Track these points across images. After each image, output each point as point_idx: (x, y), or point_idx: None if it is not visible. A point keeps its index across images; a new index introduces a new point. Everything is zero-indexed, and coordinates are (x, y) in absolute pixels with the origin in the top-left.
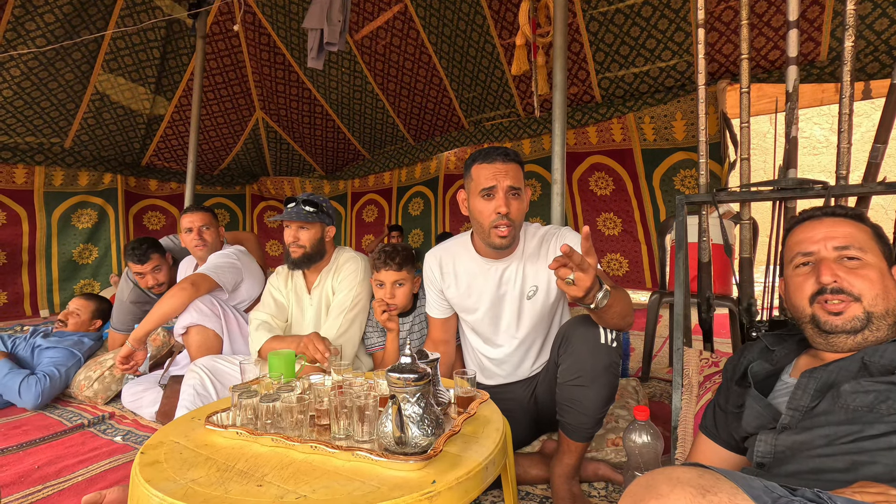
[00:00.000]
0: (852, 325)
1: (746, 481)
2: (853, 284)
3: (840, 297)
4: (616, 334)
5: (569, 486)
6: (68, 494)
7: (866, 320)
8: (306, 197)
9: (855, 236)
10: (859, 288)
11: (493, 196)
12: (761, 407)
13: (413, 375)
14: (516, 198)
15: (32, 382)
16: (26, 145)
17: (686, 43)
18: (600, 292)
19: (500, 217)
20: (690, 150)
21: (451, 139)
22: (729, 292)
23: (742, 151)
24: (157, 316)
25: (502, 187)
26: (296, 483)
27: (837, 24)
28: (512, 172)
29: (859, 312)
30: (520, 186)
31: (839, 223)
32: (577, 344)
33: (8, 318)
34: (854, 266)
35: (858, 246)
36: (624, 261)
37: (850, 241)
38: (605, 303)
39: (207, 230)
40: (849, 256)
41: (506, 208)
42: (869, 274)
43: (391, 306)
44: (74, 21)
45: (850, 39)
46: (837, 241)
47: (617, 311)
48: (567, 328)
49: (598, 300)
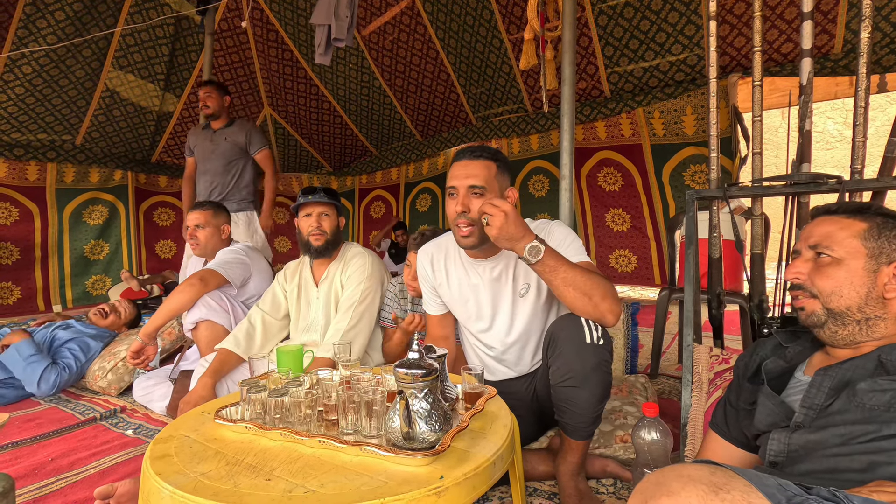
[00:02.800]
0: (811, 320)
1: (760, 479)
2: (813, 282)
3: (799, 292)
4: (602, 331)
5: (575, 482)
6: (81, 486)
7: (826, 315)
8: (323, 187)
9: (831, 234)
10: (819, 286)
11: (455, 195)
12: (774, 405)
13: (421, 371)
14: (477, 196)
15: (53, 374)
16: (38, 142)
17: (697, 36)
18: (530, 243)
19: (458, 216)
20: (700, 145)
21: (458, 135)
22: (740, 289)
23: (754, 146)
24: (166, 311)
25: (462, 186)
26: (304, 477)
27: (852, 15)
28: (476, 170)
29: (817, 308)
30: (483, 185)
31: (823, 222)
32: (564, 345)
33: (22, 312)
34: (823, 263)
35: (827, 244)
36: (633, 257)
37: (820, 240)
38: (538, 259)
39: (201, 229)
40: (818, 253)
41: (462, 207)
42: (831, 271)
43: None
44: (84, 18)
45: (866, 31)
46: (812, 239)
47: (568, 280)
48: (553, 329)
49: (526, 251)
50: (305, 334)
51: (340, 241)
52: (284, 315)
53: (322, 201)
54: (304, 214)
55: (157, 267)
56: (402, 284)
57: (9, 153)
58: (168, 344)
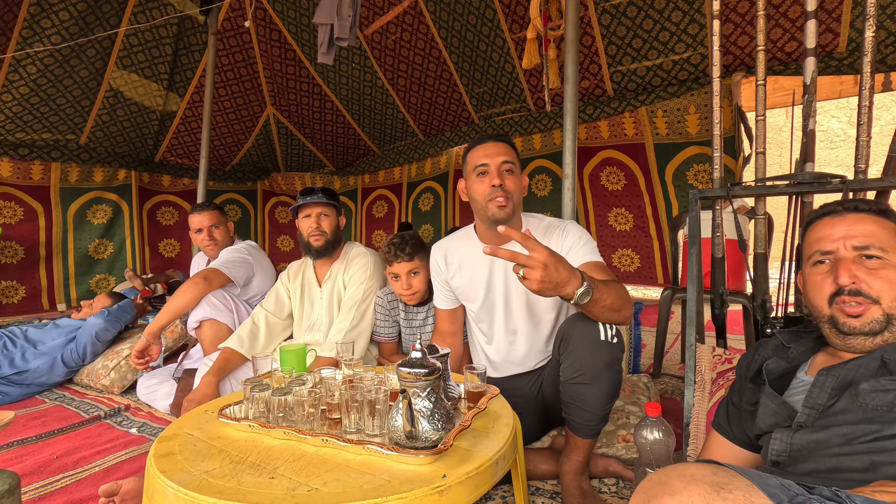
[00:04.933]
0: (870, 327)
1: (762, 479)
2: (871, 286)
3: (858, 298)
4: (616, 330)
5: (578, 482)
6: (86, 484)
7: (885, 322)
8: (322, 187)
9: (876, 234)
10: (878, 290)
11: (487, 172)
12: (776, 405)
13: (423, 370)
14: (511, 174)
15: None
16: (42, 142)
17: (700, 35)
18: (580, 288)
19: (495, 189)
20: (704, 145)
21: (461, 134)
22: (743, 288)
23: (757, 145)
24: (170, 311)
25: (495, 163)
26: (307, 476)
27: (857, 14)
28: (504, 150)
29: (878, 315)
30: (514, 162)
31: (861, 220)
32: (577, 342)
33: (26, 311)
34: (874, 266)
35: (879, 245)
36: (635, 256)
37: (870, 241)
38: (588, 300)
39: (216, 229)
40: (868, 256)
41: (499, 180)
42: (889, 275)
43: (412, 297)
44: (88, 18)
45: (870, 29)
46: (857, 240)
47: (606, 306)
48: (566, 326)
49: (577, 296)
50: (309, 334)
51: (341, 240)
52: (288, 314)
53: (321, 202)
54: (304, 215)
55: (160, 266)
56: (389, 296)
57: (13, 153)
58: (170, 342)
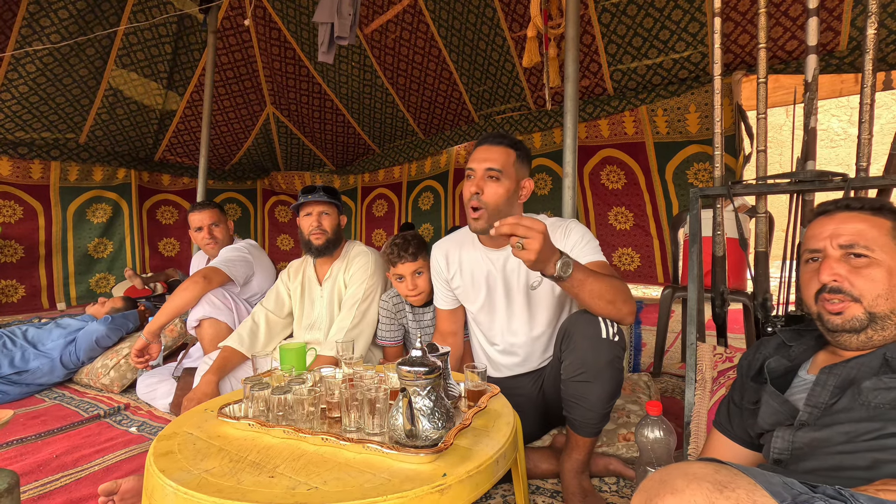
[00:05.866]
0: (851, 324)
1: (765, 477)
2: (854, 284)
3: (839, 296)
4: (618, 328)
5: (579, 480)
6: (85, 483)
7: (868, 320)
8: (323, 186)
9: (863, 233)
10: (860, 288)
11: (473, 177)
12: (778, 404)
13: (424, 369)
14: (493, 180)
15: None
16: (42, 141)
17: (701, 33)
18: (560, 261)
19: (473, 197)
20: (704, 143)
21: (460, 133)
22: (744, 287)
23: (758, 143)
24: (169, 309)
25: (480, 169)
26: (307, 474)
27: (858, 12)
28: (495, 155)
29: (859, 313)
30: (500, 169)
31: (849, 218)
32: (579, 339)
33: (26, 310)
34: (860, 265)
35: (864, 243)
36: (636, 255)
37: (855, 239)
38: (570, 272)
39: (217, 227)
40: (856, 254)
41: (476, 188)
42: (873, 273)
43: (417, 297)
44: (88, 17)
45: (872, 28)
46: (843, 238)
47: (594, 291)
48: (568, 324)
49: (558, 268)
50: (309, 332)
51: (342, 239)
52: (288, 313)
53: (322, 200)
54: (305, 214)
55: (160, 265)
56: (395, 298)
57: (13, 152)
58: (170, 341)
